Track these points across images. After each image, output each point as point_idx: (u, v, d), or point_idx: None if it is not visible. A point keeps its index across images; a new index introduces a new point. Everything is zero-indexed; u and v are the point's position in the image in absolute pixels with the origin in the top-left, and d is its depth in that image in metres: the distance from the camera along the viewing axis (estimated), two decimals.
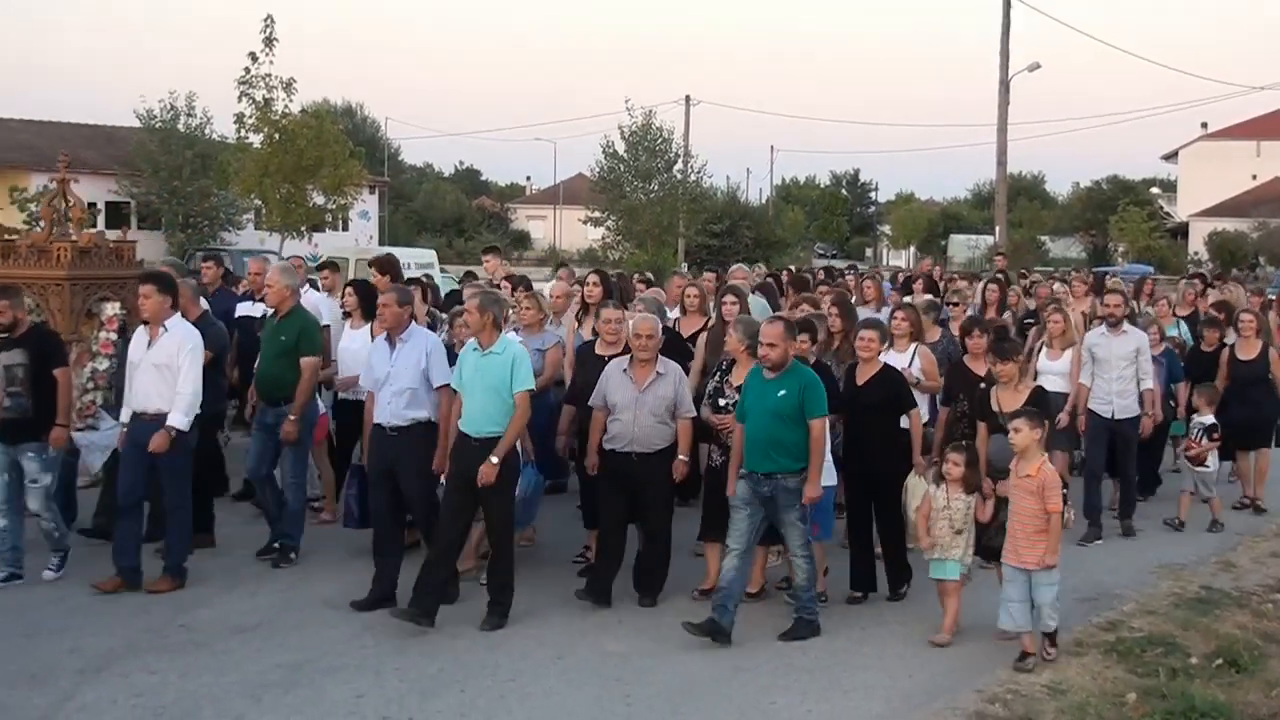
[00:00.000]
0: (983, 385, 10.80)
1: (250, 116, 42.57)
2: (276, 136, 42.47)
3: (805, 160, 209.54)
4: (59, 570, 10.83)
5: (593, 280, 13.33)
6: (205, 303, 13.53)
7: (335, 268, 16.01)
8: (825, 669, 9.21)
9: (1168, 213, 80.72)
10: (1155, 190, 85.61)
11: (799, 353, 10.74)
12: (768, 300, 16.10)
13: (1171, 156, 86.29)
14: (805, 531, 9.75)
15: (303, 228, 45.17)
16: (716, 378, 10.86)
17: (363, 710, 8.28)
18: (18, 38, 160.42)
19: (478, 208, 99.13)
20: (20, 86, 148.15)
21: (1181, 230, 76.07)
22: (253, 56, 41.79)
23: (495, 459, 9.68)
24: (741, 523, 9.75)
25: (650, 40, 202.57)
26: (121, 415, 10.91)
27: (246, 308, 14.26)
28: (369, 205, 63.08)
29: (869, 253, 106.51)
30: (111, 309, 12.31)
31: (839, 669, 9.21)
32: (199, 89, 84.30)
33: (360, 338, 12.59)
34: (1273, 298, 20.49)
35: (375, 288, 12.98)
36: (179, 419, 10.41)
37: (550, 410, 11.74)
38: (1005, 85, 46.61)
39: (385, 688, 8.63)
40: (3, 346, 10.64)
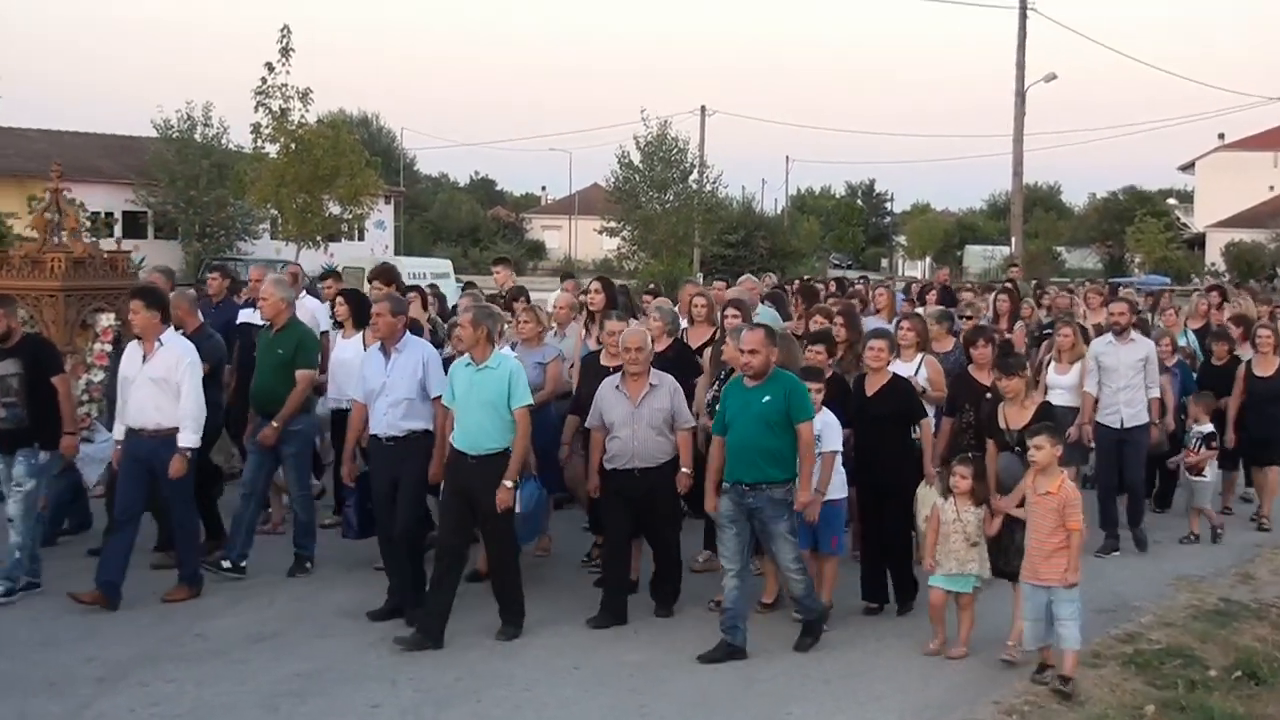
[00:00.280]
0: (988, 397, 10.55)
1: (267, 126, 42.78)
2: (293, 146, 42.63)
3: (820, 170, 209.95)
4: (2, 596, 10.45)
5: (594, 287, 13.09)
6: (202, 314, 13.43)
7: (338, 276, 15.80)
8: (841, 680, 9.18)
9: (1184, 224, 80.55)
10: (1172, 201, 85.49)
11: (818, 364, 10.81)
12: (778, 310, 15.92)
13: (1188, 167, 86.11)
14: (796, 545, 9.57)
15: (318, 237, 45.29)
16: (715, 387, 10.74)
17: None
18: (35, 48, 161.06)
19: (493, 218, 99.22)
20: (38, 97, 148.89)
21: (1198, 241, 75.86)
22: (269, 67, 42.07)
23: (509, 483, 9.65)
24: (731, 541, 9.56)
25: (666, 51, 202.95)
26: (115, 431, 10.77)
27: (247, 314, 13.91)
28: (385, 215, 63.24)
29: (884, 263, 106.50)
30: (106, 320, 12.19)
31: (855, 680, 9.18)
32: (215, 99, 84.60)
33: (353, 347, 12.42)
34: None
35: (366, 297, 12.83)
36: (190, 438, 10.35)
37: (553, 424, 11.64)
38: (1021, 96, 46.52)
39: (400, 698, 8.62)
40: None
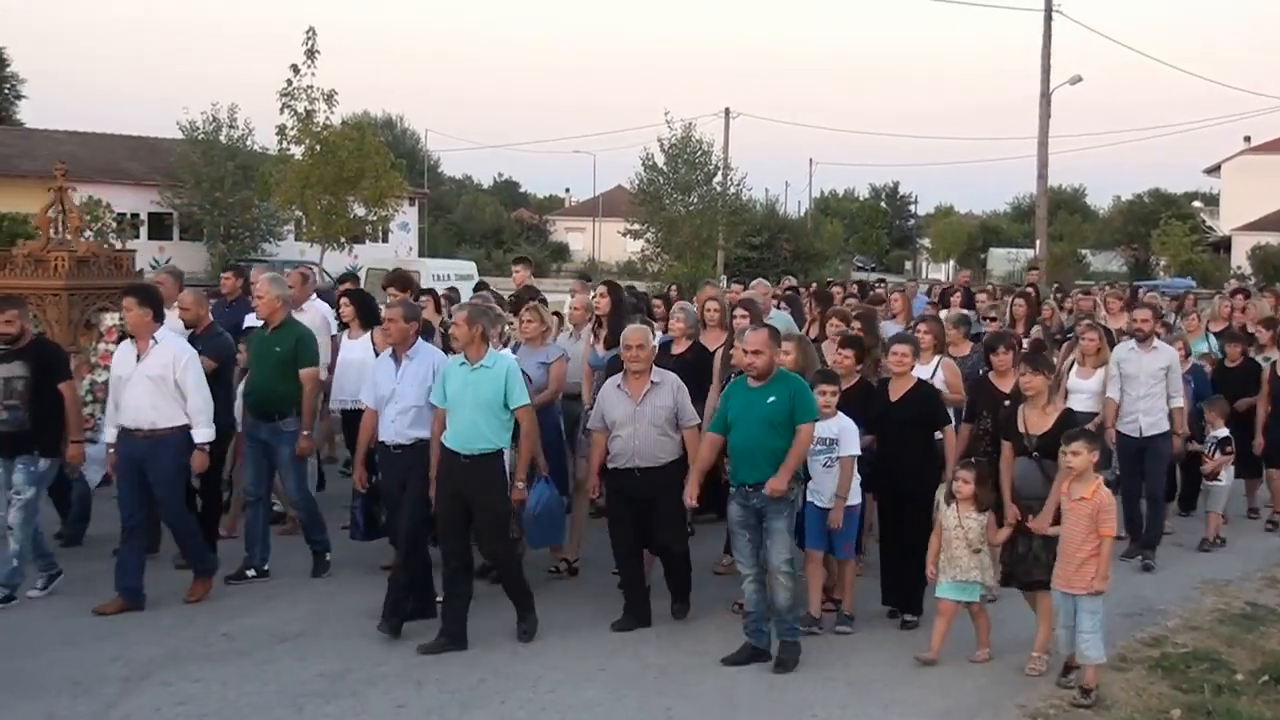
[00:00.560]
0: (1008, 403, 10.32)
1: (292, 128, 42.86)
2: (317, 148, 42.72)
3: (844, 173, 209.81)
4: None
5: (600, 291, 12.93)
6: (216, 314, 13.43)
7: (356, 279, 15.73)
8: (865, 683, 9.17)
9: (1210, 226, 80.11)
10: (1197, 204, 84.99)
11: (846, 368, 10.77)
12: (793, 313, 15.77)
13: (1214, 170, 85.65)
14: (791, 548, 9.43)
15: (343, 239, 45.38)
16: (726, 388, 10.51)
17: None
18: (62, 51, 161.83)
19: (516, 219, 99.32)
20: (64, 98, 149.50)
21: (1224, 244, 75.45)
22: (294, 69, 42.12)
23: (521, 484, 9.79)
24: (744, 546, 9.53)
25: (691, 53, 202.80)
26: (105, 435, 10.71)
27: (253, 319, 13.23)
28: (409, 217, 63.35)
29: (908, 266, 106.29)
30: (111, 320, 12.06)
31: (878, 683, 9.16)
32: (241, 101, 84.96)
33: (360, 348, 12.37)
34: None
35: (372, 298, 12.73)
36: (204, 434, 10.35)
37: (557, 426, 11.57)
38: (1046, 98, 46.36)
39: (426, 698, 8.64)
40: (3, 358, 10.49)
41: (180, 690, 8.67)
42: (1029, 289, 20.51)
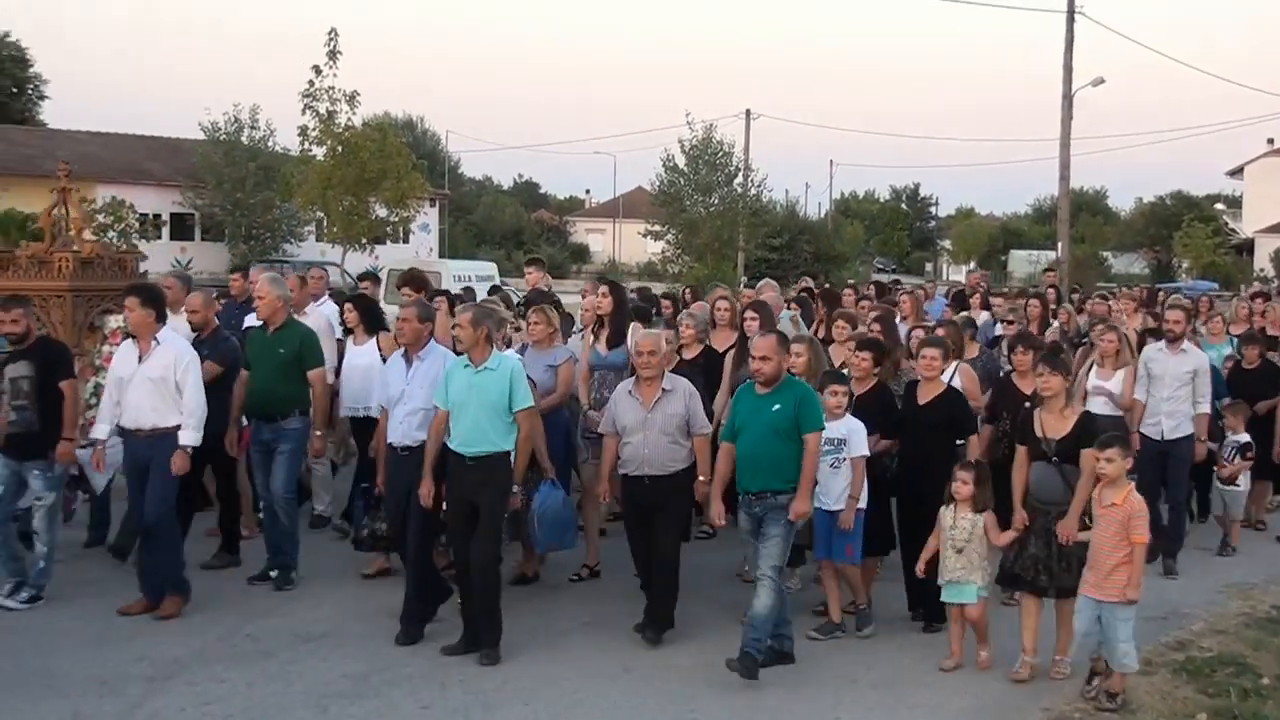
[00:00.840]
0: (1028, 405, 10.13)
1: (314, 129, 42.96)
2: (339, 149, 42.82)
3: (864, 174, 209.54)
4: (24, 604, 10.31)
5: (602, 291, 12.63)
6: (225, 315, 13.40)
7: (376, 279, 15.56)
8: (890, 686, 9.16)
9: (1233, 229, 79.91)
10: (1220, 206, 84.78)
11: (862, 371, 10.62)
12: (803, 315, 15.46)
13: (1237, 172, 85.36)
14: (782, 555, 9.27)
15: (364, 240, 45.48)
16: (736, 393, 10.38)
17: None
18: (84, 51, 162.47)
19: (537, 221, 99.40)
20: (87, 100, 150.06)
21: (1247, 247, 75.24)
22: (316, 70, 42.24)
23: (517, 487, 9.68)
24: (755, 554, 9.46)
25: (711, 54, 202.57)
26: (96, 431, 10.54)
27: (254, 318, 12.92)
28: (429, 218, 63.48)
29: (929, 267, 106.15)
30: (115, 322, 11.89)
31: (904, 686, 9.16)
32: (262, 101, 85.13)
33: (366, 354, 12.23)
34: None
35: (376, 303, 12.55)
36: (191, 436, 10.16)
37: (566, 428, 11.52)
38: (1069, 100, 46.25)
39: (450, 699, 8.65)
40: (10, 359, 10.42)
41: (206, 690, 8.69)
42: (1046, 290, 20.43)
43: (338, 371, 12.63)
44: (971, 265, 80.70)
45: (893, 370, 11.27)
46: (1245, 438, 13.58)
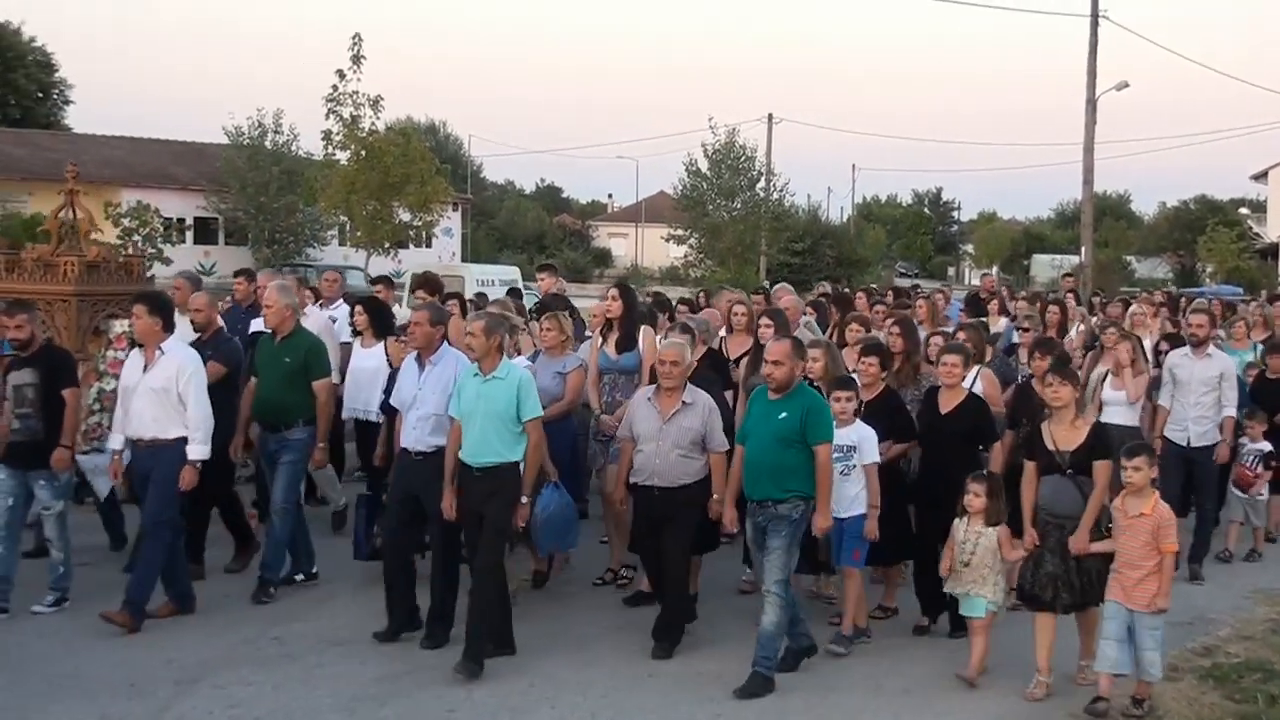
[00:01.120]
0: (1046, 412, 9.75)
1: (338, 133, 43.07)
2: (363, 154, 42.91)
3: (887, 179, 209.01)
4: (50, 607, 10.29)
5: (612, 295, 12.42)
6: (230, 319, 13.42)
7: (389, 283, 15.43)
8: (919, 690, 9.15)
9: (1257, 234, 79.55)
10: (1244, 211, 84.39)
11: (870, 377, 10.48)
12: (819, 320, 15.43)
13: (1261, 176, 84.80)
14: (786, 567, 9.10)
15: (387, 244, 45.58)
16: (750, 396, 10.27)
17: None
18: (109, 56, 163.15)
19: (559, 225, 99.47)
20: (112, 104, 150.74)
21: (1271, 251, 74.83)
22: (340, 74, 42.34)
23: (526, 498, 9.51)
24: (760, 564, 9.42)
25: (734, 57, 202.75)
26: (111, 441, 10.47)
27: (259, 323, 12.74)
28: (452, 222, 63.54)
29: (950, 272, 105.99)
30: (120, 326, 11.75)
31: (931, 691, 9.14)
32: (285, 105, 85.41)
33: (373, 357, 12.16)
34: None
35: (386, 305, 12.41)
36: (199, 450, 10.03)
37: (575, 434, 11.43)
38: (1092, 104, 46.08)
39: (476, 703, 8.67)
40: (14, 365, 10.32)
41: (232, 693, 8.72)
42: (1065, 295, 20.31)
43: (343, 375, 12.60)
44: (990, 270, 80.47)
45: (912, 374, 11.19)
46: (1268, 446, 13.41)
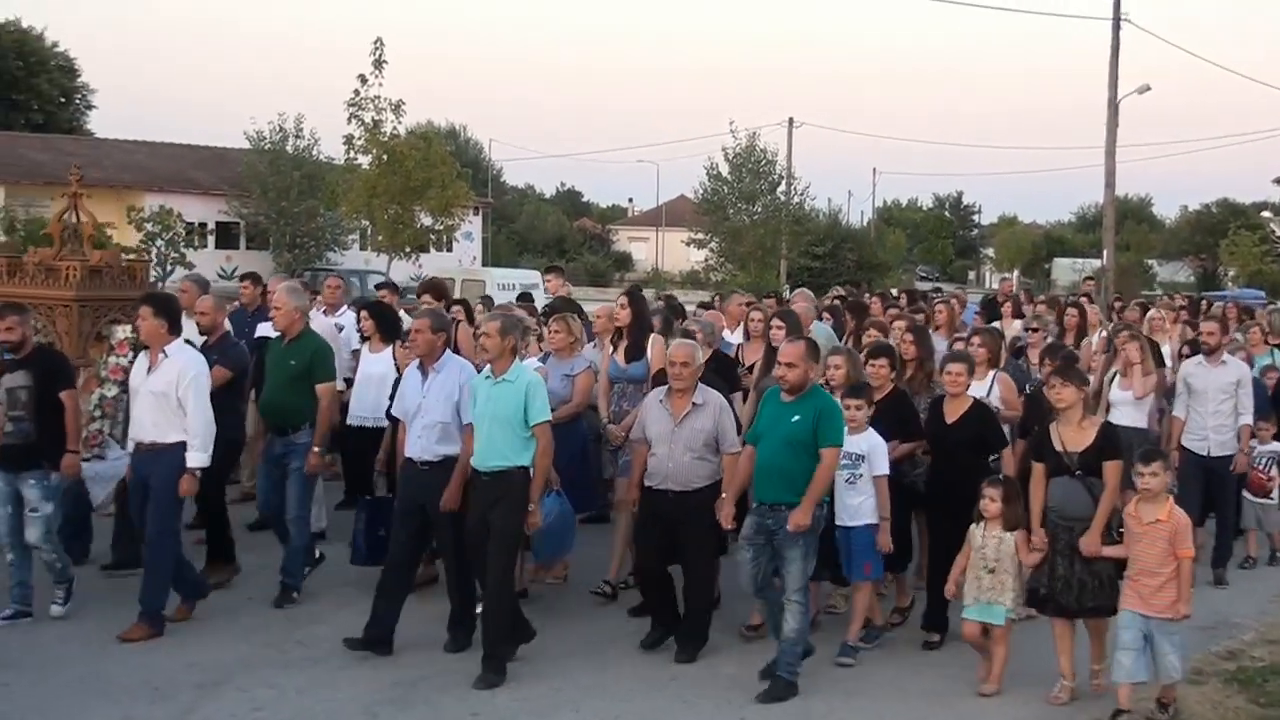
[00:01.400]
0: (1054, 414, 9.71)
1: (359, 138, 43.12)
2: (384, 158, 42.97)
3: (907, 183, 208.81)
4: (65, 604, 10.27)
5: (621, 302, 12.31)
6: (238, 322, 13.35)
7: (394, 288, 15.27)
8: (939, 694, 9.14)
9: (1279, 237, 79.33)
10: (1266, 214, 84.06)
11: (879, 379, 10.41)
12: (836, 325, 15.31)
13: None
14: (805, 574, 9.04)
15: (408, 248, 45.65)
16: (763, 397, 10.15)
17: None
18: (132, 60, 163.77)
19: (579, 229, 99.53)
20: (134, 108, 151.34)
21: None
22: (362, 79, 42.36)
23: (534, 505, 9.32)
24: (745, 565, 9.20)
25: (754, 62, 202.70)
26: (128, 445, 10.39)
27: (266, 328, 12.76)
28: (473, 226, 63.63)
29: (971, 276, 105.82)
30: (123, 332, 11.59)
31: (954, 695, 9.13)
32: (306, 110, 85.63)
33: (381, 362, 12.00)
34: None
35: (393, 310, 12.25)
36: (199, 458, 9.80)
37: (584, 438, 11.30)
38: (1114, 107, 45.94)
39: (499, 707, 8.67)
40: (7, 368, 10.12)
41: (255, 696, 8.74)
42: (1081, 299, 20.18)
43: (349, 382, 12.48)
44: (1009, 274, 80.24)
45: (925, 382, 11.09)
46: (1279, 447, 13.30)
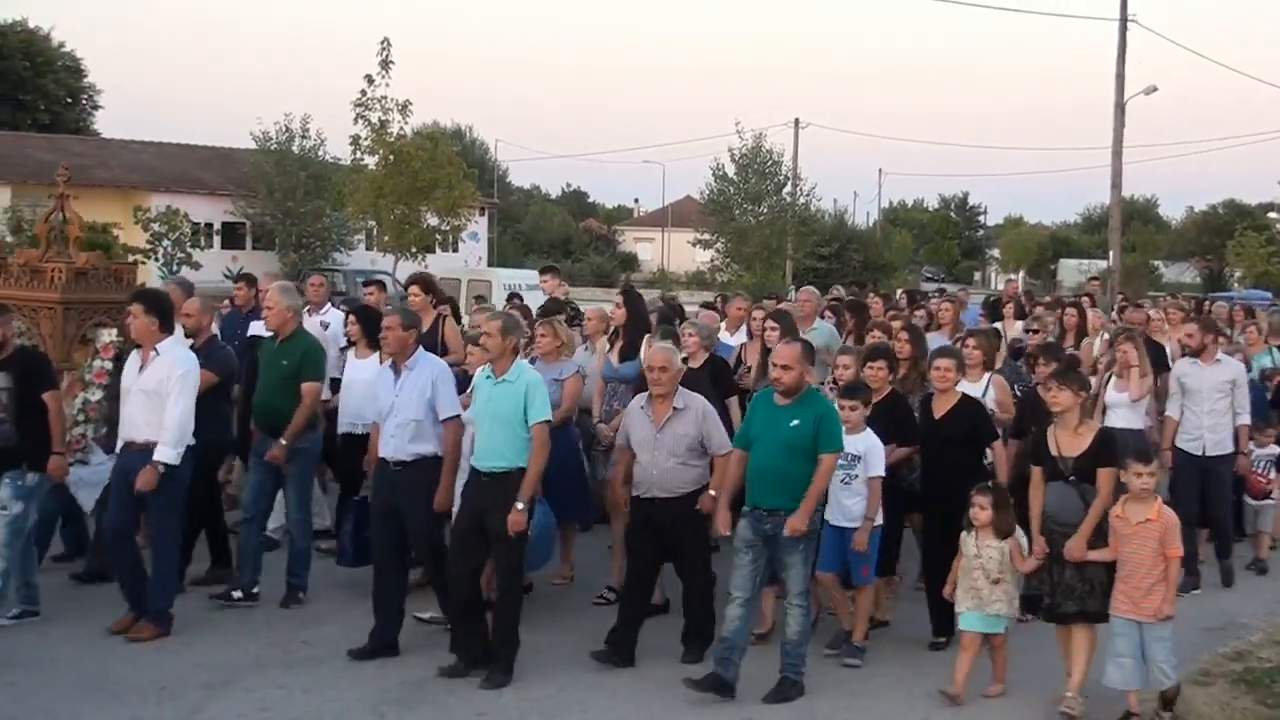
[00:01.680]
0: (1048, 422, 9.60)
1: (366, 138, 43.14)
2: (391, 158, 42.99)
3: (913, 183, 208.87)
4: (8, 620, 10.00)
5: (617, 301, 12.28)
6: (231, 324, 13.34)
7: (381, 286, 15.00)
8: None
9: None
10: (1273, 215, 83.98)
11: (878, 381, 10.34)
12: (838, 324, 15.17)
13: None
14: (806, 577, 9.03)
15: (414, 249, 45.67)
16: (752, 400, 10.08)
17: None
18: (138, 60, 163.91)
19: (585, 229, 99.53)
20: (141, 109, 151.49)
21: None
22: (369, 79, 42.37)
23: (521, 505, 9.04)
24: (744, 567, 8.98)
25: (760, 63, 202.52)
26: (118, 446, 10.16)
27: (258, 327, 12.55)
28: (479, 227, 63.65)
29: (977, 276, 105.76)
30: (108, 336, 11.46)
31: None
32: (312, 111, 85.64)
33: (369, 367, 11.72)
34: None
35: (379, 313, 12.05)
36: (166, 453, 9.61)
37: (571, 443, 11.14)
38: (1121, 108, 45.94)
39: (505, 706, 8.69)
40: None
41: (263, 696, 8.76)
42: (1082, 298, 20.09)
43: (335, 385, 12.37)
44: (1014, 275, 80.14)
45: (919, 381, 11.03)
46: (1278, 451, 13.25)
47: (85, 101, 72.36)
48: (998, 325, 16.83)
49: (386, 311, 10.57)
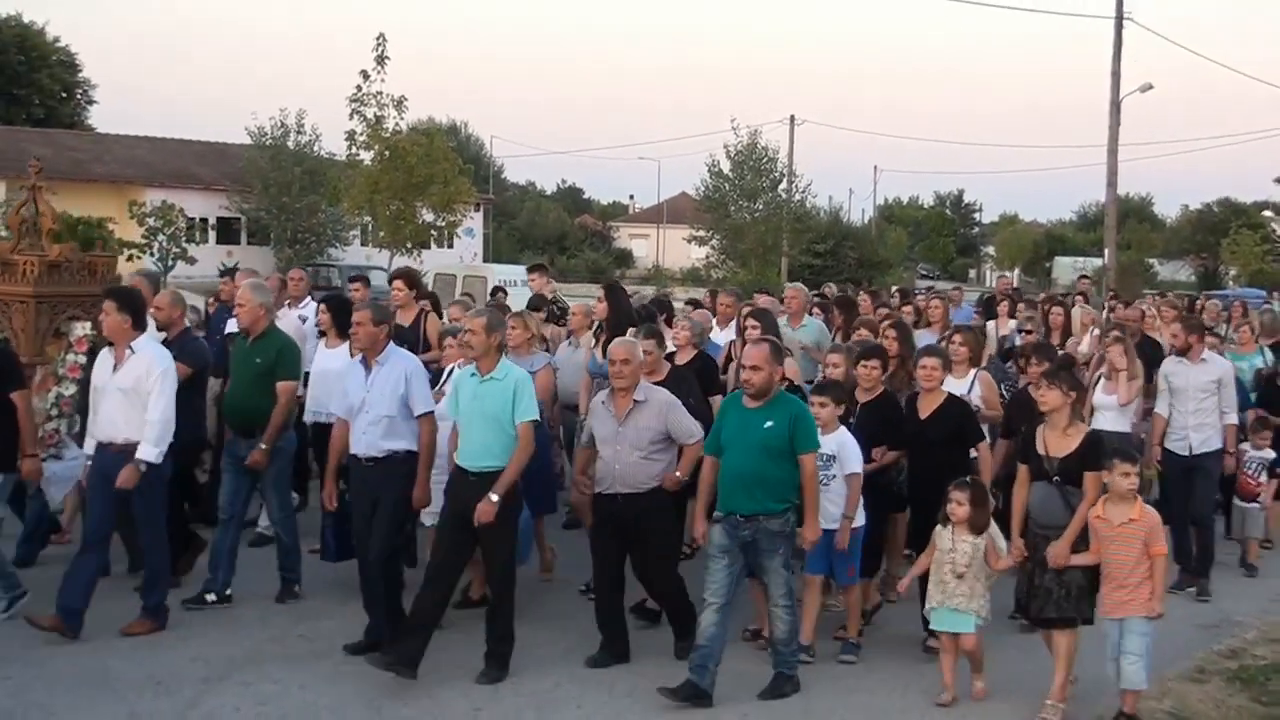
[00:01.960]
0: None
1: (361, 134, 43.15)
2: (386, 154, 43.00)
3: (908, 180, 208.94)
4: (3, 616, 9.93)
5: (599, 296, 12.22)
6: (218, 319, 13.26)
7: (366, 282, 14.83)
8: (939, 692, 9.06)
9: None
10: (1268, 213, 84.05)
11: (871, 380, 10.34)
12: (827, 321, 15.09)
13: None
14: (788, 579, 8.92)
15: (409, 244, 45.69)
16: (721, 404, 9.95)
17: None
18: (132, 55, 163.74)
19: (580, 226, 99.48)
20: (135, 104, 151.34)
21: None
22: (364, 75, 42.39)
23: (495, 496, 8.90)
24: (720, 573, 8.82)
25: (756, 59, 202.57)
26: (86, 446, 10.02)
27: (234, 324, 12.22)
28: (474, 223, 63.68)
29: (972, 274, 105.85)
30: (81, 329, 11.30)
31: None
32: (307, 106, 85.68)
33: (338, 357, 11.61)
34: None
35: (350, 303, 11.97)
36: (149, 451, 9.46)
37: (544, 440, 10.77)
38: (1116, 106, 45.98)
39: (502, 702, 8.69)
40: None
41: (259, 690, 8.76)
42: (1075, 296, 20.03)
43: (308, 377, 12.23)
44: (1006, 273, 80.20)
45: (906, 379, 10.97)
46: (1271, 454, 13.17)
47: (80, 96, 72.44)
48: (990, 323, 16.83)
49: (357, 306, 10.43)
